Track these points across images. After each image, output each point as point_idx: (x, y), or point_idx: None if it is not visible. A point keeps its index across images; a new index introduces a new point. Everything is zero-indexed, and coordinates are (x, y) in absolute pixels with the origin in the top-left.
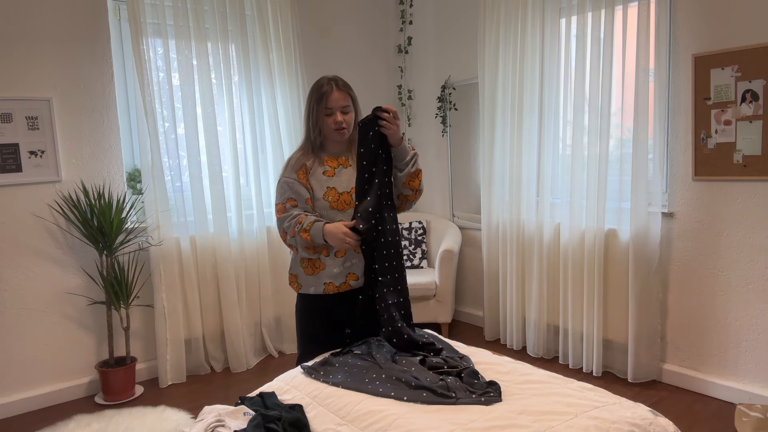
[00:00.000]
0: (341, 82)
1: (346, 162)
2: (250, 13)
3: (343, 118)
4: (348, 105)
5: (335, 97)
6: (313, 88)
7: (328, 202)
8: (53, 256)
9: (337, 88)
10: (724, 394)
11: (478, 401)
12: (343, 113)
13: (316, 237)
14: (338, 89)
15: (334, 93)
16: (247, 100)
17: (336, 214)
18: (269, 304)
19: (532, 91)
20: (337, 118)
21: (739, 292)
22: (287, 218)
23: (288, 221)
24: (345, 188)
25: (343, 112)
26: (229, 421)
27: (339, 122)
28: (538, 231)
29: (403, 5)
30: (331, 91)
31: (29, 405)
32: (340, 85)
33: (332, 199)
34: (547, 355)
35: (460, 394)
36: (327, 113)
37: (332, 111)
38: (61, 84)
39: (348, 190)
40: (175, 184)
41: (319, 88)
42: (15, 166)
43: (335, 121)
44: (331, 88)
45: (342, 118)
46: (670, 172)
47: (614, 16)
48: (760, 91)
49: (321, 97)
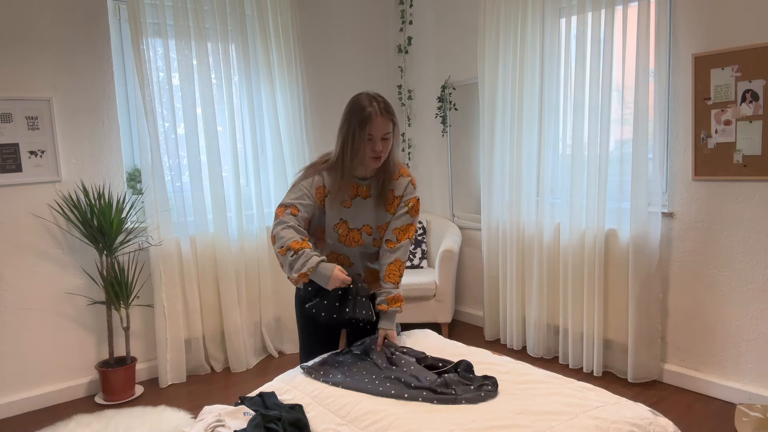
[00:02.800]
0: (384, 104)
1: (366, 192)
2: (250, 13)
3: (382, 146)
4: (389, 132)
5: (379, 124)
6: (353, 108)
7: (338, 235)
8: (53, 256)
9: (381, 114)
10: (724, 394)
11: (477, 396)
12: (383, 139)
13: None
14: (382, 115)
15: (378, 119)
16: (247, 100)
17: (342, 248)
18: (269, 304)
19: (532, 91)
20: (377, 147)
21: (739, 292)
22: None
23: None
24: (356, 225)
25: (383, 138)
26: (229, 421)
27: (378, 151)
28: (538, 231)
29: (403, 5)
30: (375, 116)
31: (29, 405)
32: (384, 109)
33: (342, 233)
34: (547, 355)
35: (459, 390)
36: (367, 139)
37: (373, 138)
38: (61, 84)
39: (359, 227)
40: (175, 184)
41: (362, 110)
42: (15, 166)
43: (373, 149)
44: (376, 113)
45: (381, 146)
46: (670, 172)
47: (614, 16)
48: (760, 91)
49: (364, 122)
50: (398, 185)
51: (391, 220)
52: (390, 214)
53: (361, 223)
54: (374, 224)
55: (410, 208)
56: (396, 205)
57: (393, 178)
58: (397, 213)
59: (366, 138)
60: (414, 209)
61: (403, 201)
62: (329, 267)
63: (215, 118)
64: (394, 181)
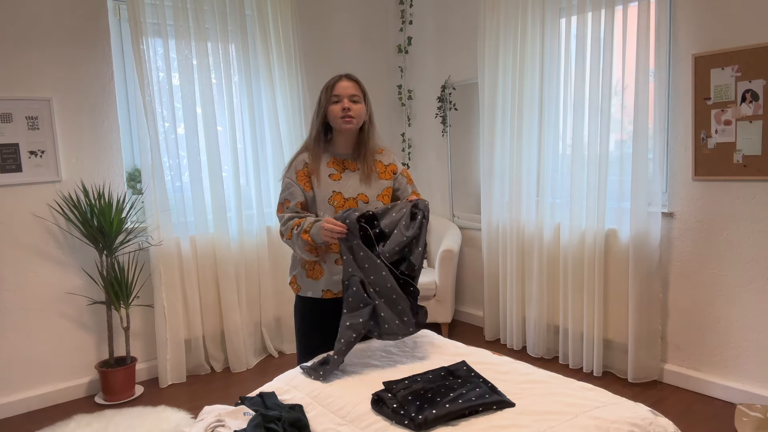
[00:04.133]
0: (352, 75)
1: (353, 166)
2: (250, 13)
3: (350, 105)
4: (357, 95)
5: (344, 85)
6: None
7: (334, 207)
8: (53, 256)
9: (345, 77)
10: (724, 394)
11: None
12: (351, 101)
13: (315, 237)
14: (347, 78)
15: (343, 81)
16: (247, 100)
17: None
18: (269, 304)
19: (532, 91)
20: (345, 104)
21: (739, 292)
22: (284, 220)
23: (284, 223)
24: (351, 194)
25: (351, 100)
26: (229, 421)
27: (346, 108)
28: (538, 231)
29: (403, 5)
30: (340, 79)
31: (29, 405)
32: (347, 75)
33: (338, 204)
34: (547, 355)
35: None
36: (334, 101)
37: (339, 98)
38: (61, 84)
39: (354, 196)
40: (175, 184)
41: (329, 81)
42: (15, 166)
43: (342, 108)
44: (340, 77)
45: (349, 105)
46: (670, 172)
47: (614, 16)
48: (760, 91)
49: (330, 86)
50: (384, 156)
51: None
52: (385, 180)
53: (356, 192)
54: (370, 193)
55: (407, 177)
56: (390, 172)
57: (376, 151)
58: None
59: (332, 99)
60: (409, 178)
61: (399, 172)
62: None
63: (215, 118)
64: (378, 154)
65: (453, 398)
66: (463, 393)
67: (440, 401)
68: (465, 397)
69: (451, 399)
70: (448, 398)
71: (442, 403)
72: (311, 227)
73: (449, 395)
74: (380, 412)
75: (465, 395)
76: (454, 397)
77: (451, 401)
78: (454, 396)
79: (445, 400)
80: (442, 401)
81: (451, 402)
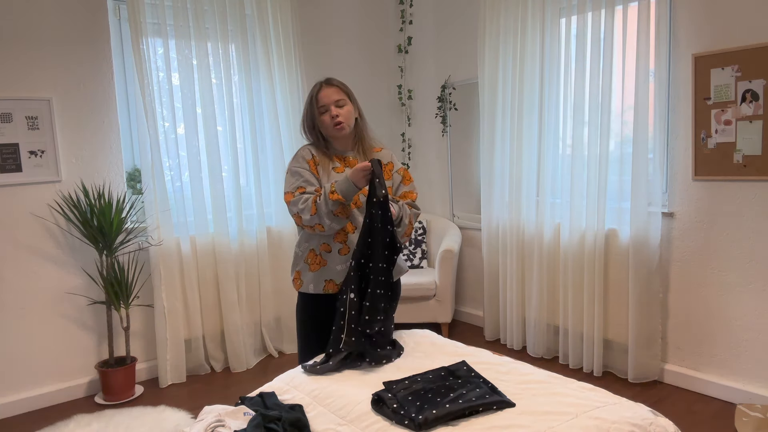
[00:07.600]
0: (332, 80)
1: (355, 162)
2: (250, 13)
3: (338, 111)
4: (341, 98)
5: (326, 93)
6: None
7: None
8: (53, 256)
9: (325, 84)
10: (724, 394)
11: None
12: (337, 107)
13: (345, 191)
14: (328, 86)
15: (324, 89)
16: (246, 100)
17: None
18: (269, 304)
19: (532, 91)
20: (332, 112)
21: (739, 292)
22: (299, 201)
23: (302, 203)
24: None
25: (337, 106)
26: (229, 421)
27: (334, 116)
28: (538, 231)
29: (403, 5)
30: (320, 89)
31: (29, 405)
32: (326, 81)
33: None
34: (547, 355)
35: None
36: (321, 111)
37: (326, 107)
38: (61, 84)
39: None
40: (175, 184)
41: (312, 90)
42: (15, 166)
43: (331, 117)
44: (320, 86)
45: (337, 112)
46: (670, 172)
47: (614, 16)
48: (760, 91)
49: (311, 98)
50: (383, 155)
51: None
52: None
53: None
54: None
55: (403, 177)
56: (389, 171)
57: (374, 149)
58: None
59: (319, 111)
60: (406, 177)
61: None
62: (343, 176)
63: (215, 118)
64: (377, 152)
65: (453, 398)
66: (463, 393)
67: (440, 401)
68: (465, 398)
69: (451, 399)
70: (448, 398)
71: (442, 403)
72: (335, 187)
73: (449, 395)
74: (380, 412)
75: (465, 395)
76: (454, 397)
77: (452, 401)
78: (454, 396)
79: (446, 400)
80: (442, 401)
81: (451, 402)
